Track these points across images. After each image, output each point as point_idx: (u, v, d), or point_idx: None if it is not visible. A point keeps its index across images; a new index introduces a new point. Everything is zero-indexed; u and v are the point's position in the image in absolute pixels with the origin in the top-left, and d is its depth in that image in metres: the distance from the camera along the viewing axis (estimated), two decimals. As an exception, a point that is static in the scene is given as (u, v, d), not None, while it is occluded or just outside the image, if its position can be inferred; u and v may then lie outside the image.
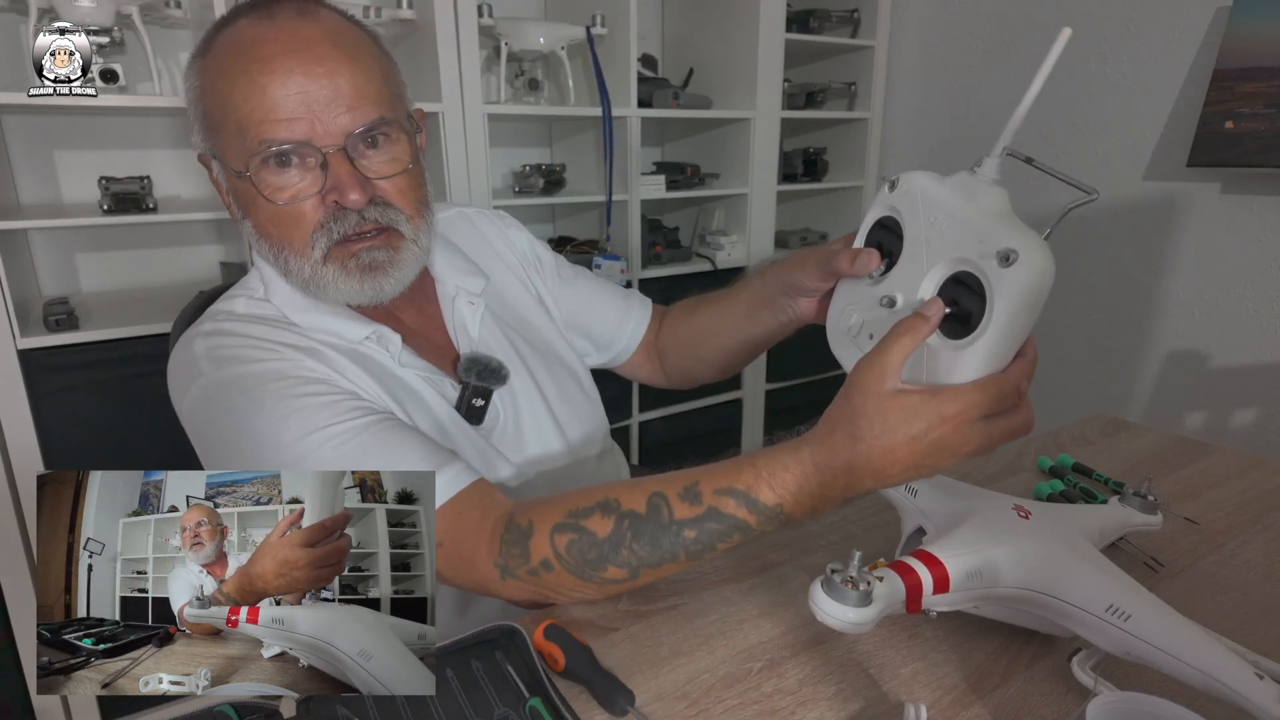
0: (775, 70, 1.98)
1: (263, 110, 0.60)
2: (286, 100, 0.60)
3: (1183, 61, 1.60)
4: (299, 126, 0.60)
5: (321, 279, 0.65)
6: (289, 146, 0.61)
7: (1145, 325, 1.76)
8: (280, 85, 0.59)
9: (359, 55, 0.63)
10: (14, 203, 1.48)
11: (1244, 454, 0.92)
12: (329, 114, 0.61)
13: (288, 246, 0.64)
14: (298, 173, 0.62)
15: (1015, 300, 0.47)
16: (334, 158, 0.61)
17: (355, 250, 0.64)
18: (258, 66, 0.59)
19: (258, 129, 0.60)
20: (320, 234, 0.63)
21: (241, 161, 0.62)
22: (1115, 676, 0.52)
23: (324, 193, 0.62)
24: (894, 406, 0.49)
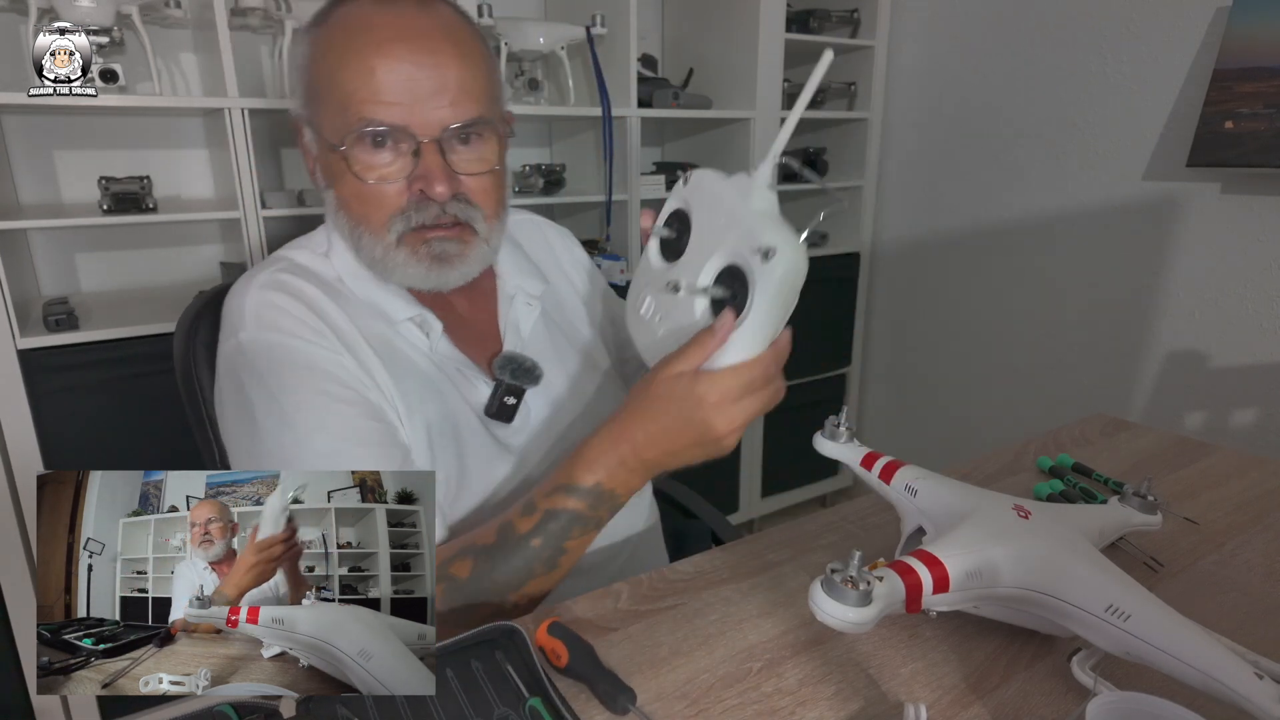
0: (775, 70, 1.98)
1: (367, 90, 0.62)
2: (392, 85, 0.62)
3: (1183, 61, 1.60)
4: (399, 112, 0.62)
5: (391, 261, 0.67)
6: (386, 129, 0.63)
7: (1145, 325, 1.76)
8: (388, 69, 0.61)
9: (468, 53, 0.65)
10: (14, 203, 1.48)
11: (1244, 454, 0.92)
12: (430, 105, 0.63)
13: (365, 223, 0.66)
14: (390, 155, 0.64)
15: (770, 291, 0.53)
16: (427, 147, 0.63)
17: (428, 238, 0.67)
18: (371, 48, 0.61)
19: (359, 107, 0.62)
20: (399, 219, 0.66)
21: (338, 135, 0.64)
22: (1115, 676, 0.52)
23: (411, 179, 0.65)
24: (671, 392, 0.56)
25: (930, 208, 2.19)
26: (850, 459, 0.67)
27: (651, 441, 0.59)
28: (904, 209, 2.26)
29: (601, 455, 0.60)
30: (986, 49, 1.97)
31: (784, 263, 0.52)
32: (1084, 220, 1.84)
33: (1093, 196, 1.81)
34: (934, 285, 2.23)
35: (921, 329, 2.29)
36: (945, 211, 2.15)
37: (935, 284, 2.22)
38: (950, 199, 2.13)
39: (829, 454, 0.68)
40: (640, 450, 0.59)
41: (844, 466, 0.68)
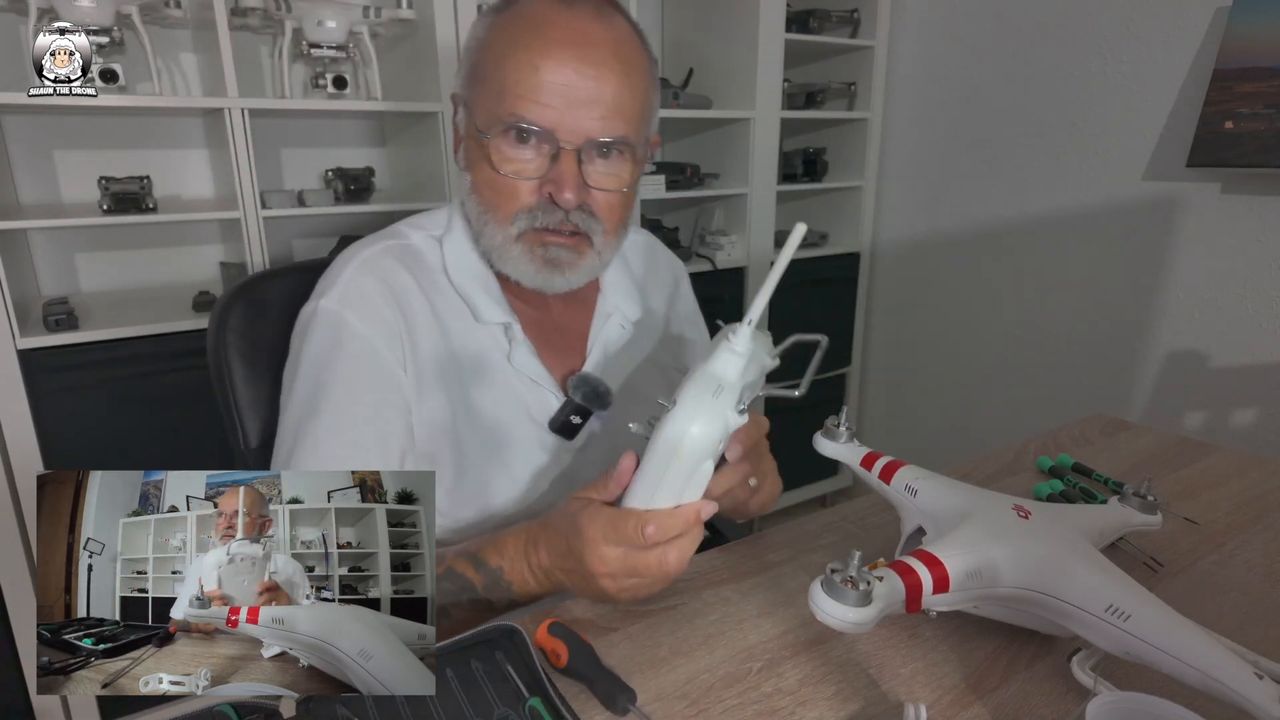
0: (775, 70, 1.98)
1: (525, 87, 0.63)
2: (551, 87, 0.63)
3: (1183, 61, 1.60)
4: (550, 115, 0.63)
5: (507, 253, 0.69)
6: (533, 128, 0.64)
7: (1145, 325, 1.76)
8: (551, 71, 0.63)
9: (631, 72, 0.66)
10: (14, 203, 1.48)
11: (1244, 454, 0.92)
12: (581, 114, 0.64)
13: (492, 212, 0.68)
14: (530, 153, 0.66)
15: (655, 443, 0.53)
16: (566, 154, 0.65)
17: (546, 241, 0.68)
18: (539, 46, 0.63)
19: (514, 102, 0.64)
20: (524, 215, 0.68)
21: (487, 123, 0.66)
22: (1115, 676, 0.52)
23: (543, 180, 0.66)
24: (567, 512, 0.58)
25: (930, 208, 2.19)
26: (850, 459, 0.67)
27: (550, 554, 0.59)
28: (904, 209, 2.26)
29: (515, 546, 0.61)
30: (986, 49, 1.97)
31: (670, 426, 0.52)
32: (1084, 220, 1.84)
33: (1093, 196, 1.81)
34: (934, 285, 2.23)
35: (921, 329, 2.29)
36: (945, 211, 2.15)
37: (935, 284, 2.22)
38: (950, 199, 2.13)
39: (829, 454, 0.68)
40: (542, 559, 0.60)
41: (844, 466, 0.68)
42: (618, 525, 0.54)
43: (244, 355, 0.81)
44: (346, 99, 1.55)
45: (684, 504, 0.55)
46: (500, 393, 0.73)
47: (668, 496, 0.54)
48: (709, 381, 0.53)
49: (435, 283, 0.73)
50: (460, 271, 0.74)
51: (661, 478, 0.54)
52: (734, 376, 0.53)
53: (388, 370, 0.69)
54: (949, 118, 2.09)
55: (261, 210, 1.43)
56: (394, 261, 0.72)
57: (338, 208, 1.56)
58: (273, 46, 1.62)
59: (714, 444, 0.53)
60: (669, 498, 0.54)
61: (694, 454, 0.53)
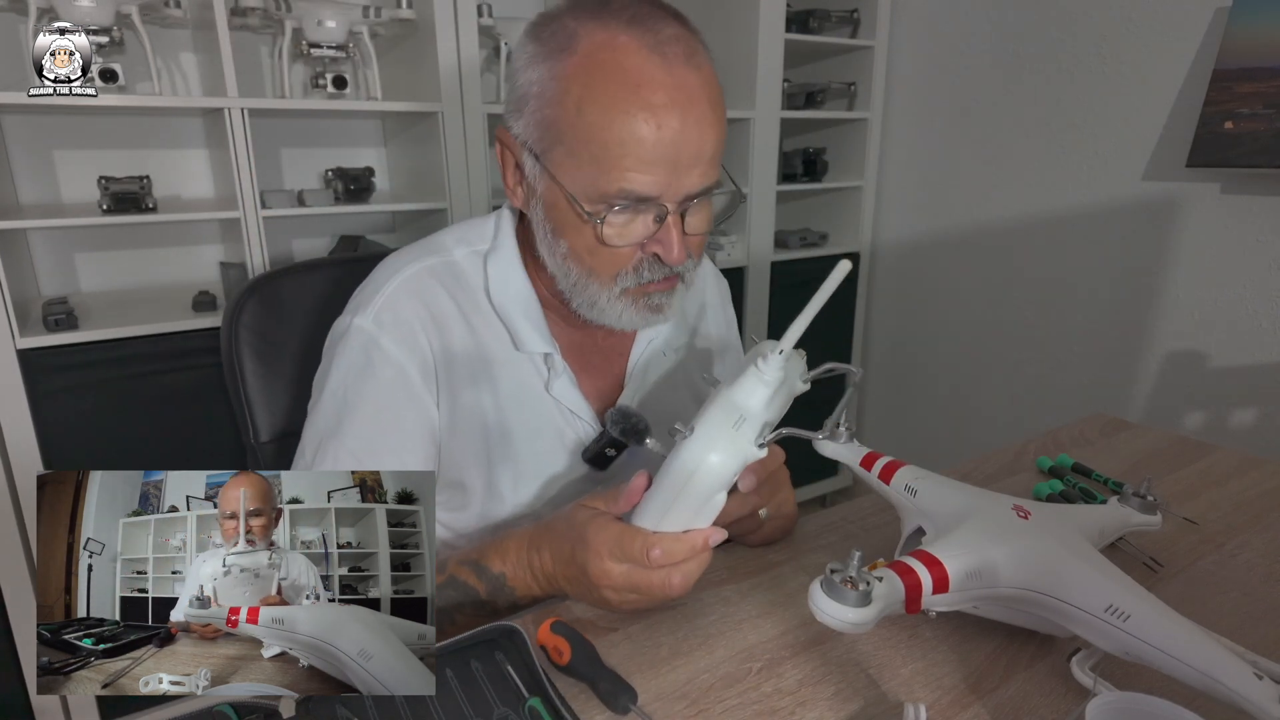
0: (775, 70, 1.98)
1: (632, 160, 0.59)
2: (659, 154, 0.59)
3: (1182, 61, 1.60)
4: (657, 184, 0.60)
5: (611, 309, 0.67)
6: (642, 200, 0.61)
7: (1145, 325, 1.76)
8: (657, 137, 0.58)
9: (722, 116, 0.63)
10: (13, 202, 1.48)
11: (1243, 454, 0.92)
12: (686, 174, 0.61)
13: (595, 276, 0.65)
14: (631, 216, 0.62)
15: (670, 467, 0.52)
16: (673, 217, 0.62)
17: (649, 291, 0.67)
18: (641, 111, 0.58)
19: (621, 177, 0.59)
20: (629, 275, 0.65)
21: (588, 198, 0.61)
22: (1114, 676, 0.52)
23: (647, 241, 0.64)
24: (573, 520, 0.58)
25: (930, 208, 2.19)
26: (850, 459, 0.67)
27: (554, 559, 0.59)
28: (904, 209, 2.26)
29: (518, 551, 0.62)
30: (986, 49, 1.97)
31: (687, 453, 0.51)
32: (1084, 220, 1.84)
33: (1093, 196, 1.81)
34: (934, 285, 2.23)
35: (921, 329, 2.29)
36: (945, 211, 2.15)
37: (935, 284, 2.22)
38: (950, 199, 2.13)
39: (829, 454, 0.68)
40: (545, 564, 0.60)
41: (844, 466, 0.68)
42: (624, 543, 0.54)
43: (256, 351, 0.82)
44: (346, 99, 1.55)
45: (692, 530, 0.54)
46: (537, 420, 0.72)
47: (677, 521, 0.54)
48: (731, 411, 0.52)
49: (477, 305, 0.71)
50: (503, 294, 0.71)
51: (673, 503, 0.53)
52: (758, 408, 0.52)
53: (417, 400, 0.68)
54: (949, 118, 2.09)
55: (261, 210, 1.43)
56: (435, 283, 0.70)
57: (337, 208, 1.56)
58: (273, 46, 1.62)
59: (729, 475, 0.52)
60: (679, 522, 0.54)
61: (708, 484, 0.52)
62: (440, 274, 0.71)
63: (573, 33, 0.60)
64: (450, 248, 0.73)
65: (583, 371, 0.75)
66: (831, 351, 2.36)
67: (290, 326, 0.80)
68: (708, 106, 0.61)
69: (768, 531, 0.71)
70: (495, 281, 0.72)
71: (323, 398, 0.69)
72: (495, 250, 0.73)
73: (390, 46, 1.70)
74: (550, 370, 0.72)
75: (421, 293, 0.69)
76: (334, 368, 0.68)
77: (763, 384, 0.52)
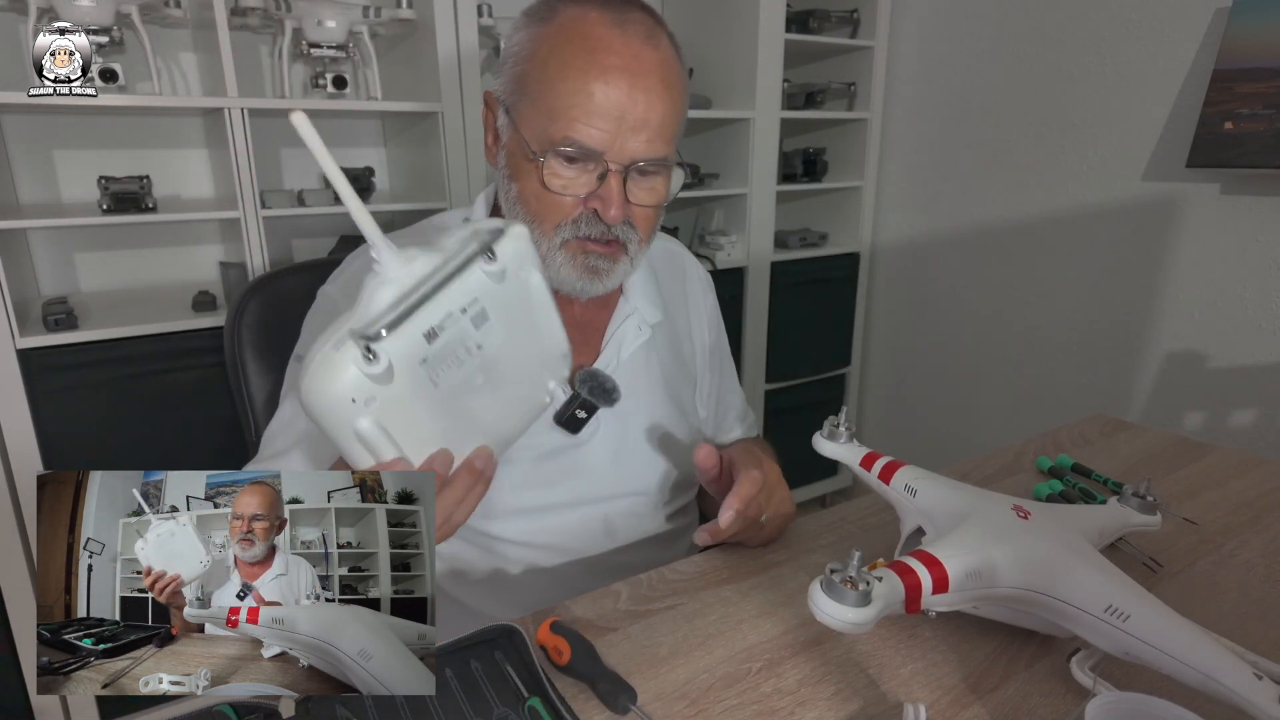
0: (775, 70, 1.98)
1: (579, 110, 0.65)
2: (604, 111, 0.65)
3: (1182, 61, 1.60)
4: (601, 138, 0.65)
5: (550, 260, 0.71)
6: (585, 151, 0.66)
7: (1144, 325, 1.76)
8: (605, 96, 0.65)
9: (675, 95, 0.68)
10: (13, 202, 1.48)
11: (1243, 454, 0.92)
12: (630, 138, 0.66)
13: (538, 222, 0.70)
14: (578, 171, 0.68)
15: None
16: (614, 175, 0.67)
17: (588, 250, 0.71)
18: (595, 71, 0.64)
19: (568, 125, 0.65)
20: (568, 226, 0.70)
21: (538, 141, 0.67)
22: (1114, 676, 0.52)
23: (589, 197, 0.68)
24: None
25: (930, 208, 2.19)
26: (850, 459, 0.68)
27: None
28: (904, 209, 2.26)
29: None
30: (986, 49, 1.97)
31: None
32: (1084, 220, 1.84)
33: (1092, 196, 1.81)
34: (934, 285, 2.23)
35: (921, 329, 2.29)
36: (945, 211, 2.15)
37: (935, 284, 2.22)
38: (950, 199, 2.13)
39: (828, 454, 0.68)
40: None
41: (843, 466, 0.68)
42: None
43: (258, 350, 0.84)
44: (346, 99, 1.55)
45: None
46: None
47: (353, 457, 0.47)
48: (335, 329, 0.44)
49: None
50: None
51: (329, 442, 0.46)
52: (371, 314, 0.45)
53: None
54: (949, 118, 2.09)
55: (261, 210, 1.43)
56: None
57: (337, 207, 1.56)
58: (273, 46, 1.62)
59: (340, 400, 0.44)
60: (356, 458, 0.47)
61: (327, 419, 0.45)
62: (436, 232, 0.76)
63: (554, 7, 0.68)
64: (437, 226, 0.79)
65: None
66: (832, 351, 2.36)
67: (293, 326, 0.81)
68: (658, 80, 0.66)
69: (769, 532, 0.72)
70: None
71: (291, 359, 0.75)
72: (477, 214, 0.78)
73: (390, 46, 1.70)
74: None
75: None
76: (302, 330, 0.75)
77: (374, 281, 0.45)
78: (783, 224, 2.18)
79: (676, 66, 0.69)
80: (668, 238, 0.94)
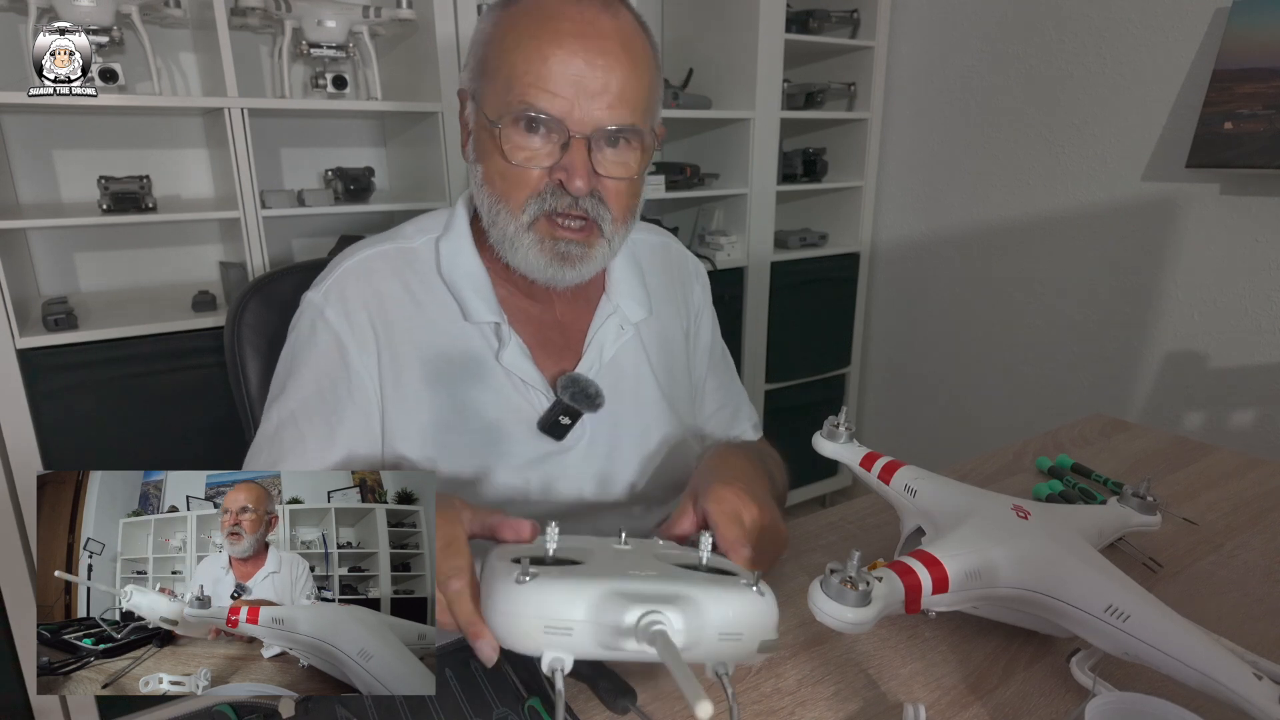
0: (775, 70, 1.98)
1: (535, 76, 0.64)
2: (561, 76, 0.64)
3: (1182, 62, 1.60)
4: (560, 104, 0.64)
5: (520, 241, 0.69)
6: (544, 117, 0.64)
7: (1144, 325, 1.76)
8: (560, 62, 0.63)
9: (637, 62, 0.67)
10: (13, 202, 1.48)
11: (1242, 454, 0.92)
12: (591, 103, 0.64)
13: (505, 201, 0.69)
14: (540, 141, 0.66)
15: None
16: (577, 143, 0.65)
17: (557, 235, 0.69)
18: (548, 37, 0.64)
19: (524, 91, 0.64)
20: (535, 201, 0.68)
21: (496, 113, 0.66)
22: (1114, 677, 0.52)
23: (554, 168, 0.67)
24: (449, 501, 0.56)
25: (930, 208, 2.19)
26: (850, 459, 0.68)
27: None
28: (904, 209, 2.26)
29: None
30: (986, 49, 1.97)
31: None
32: (1084, 220, 1.84)
33: (1092, 197, 1.81)
34: (934, 285, 2.23)
35: (921, 329, 2.29)
36: (945, 211, 2.15)
37: (935, 284, 2.22)
38: (950, 199, 2.13)
39: (828, 454, 0.68)
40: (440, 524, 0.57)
41: (843, 466, 0.68)
42: (447, 557, 0.49)
43: (257, 349, 0.84)
44: (346, 99, 1.55)
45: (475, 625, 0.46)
46: (491, 392, 0.73)
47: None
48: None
49: (428, 285, 0.75)
50: (453, 270, 0.75)
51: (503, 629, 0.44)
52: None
53: (352, 371, 0.71)
54: (949, 118, 2.09)
55: (261, 210, 1.43)
56: (385, 266, 0.74)
57: (337, 207, 1.56)
58: (273, 46, 1.61)
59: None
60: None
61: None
62: (392, 258, 0.75)
63: None
64: (410, 236, 0.77)
65: (541, 348, 0.76)
66: (832, 351, 2.36)
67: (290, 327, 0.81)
68: (618, 45, 0.65)
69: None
70: (446, 258, 0.75)
71: (278, 366, 0.74)
72: (448, 233, 0.77)
73: (390, 46, 1.70)
74: (500, 340, 0.74)
75: (370, 275, 0.73)
76: (288, 339, 0.74)
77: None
78: (783, 224, 2.18)
79: (640, 35, 0.68)
80: (653, 228, 0.91)
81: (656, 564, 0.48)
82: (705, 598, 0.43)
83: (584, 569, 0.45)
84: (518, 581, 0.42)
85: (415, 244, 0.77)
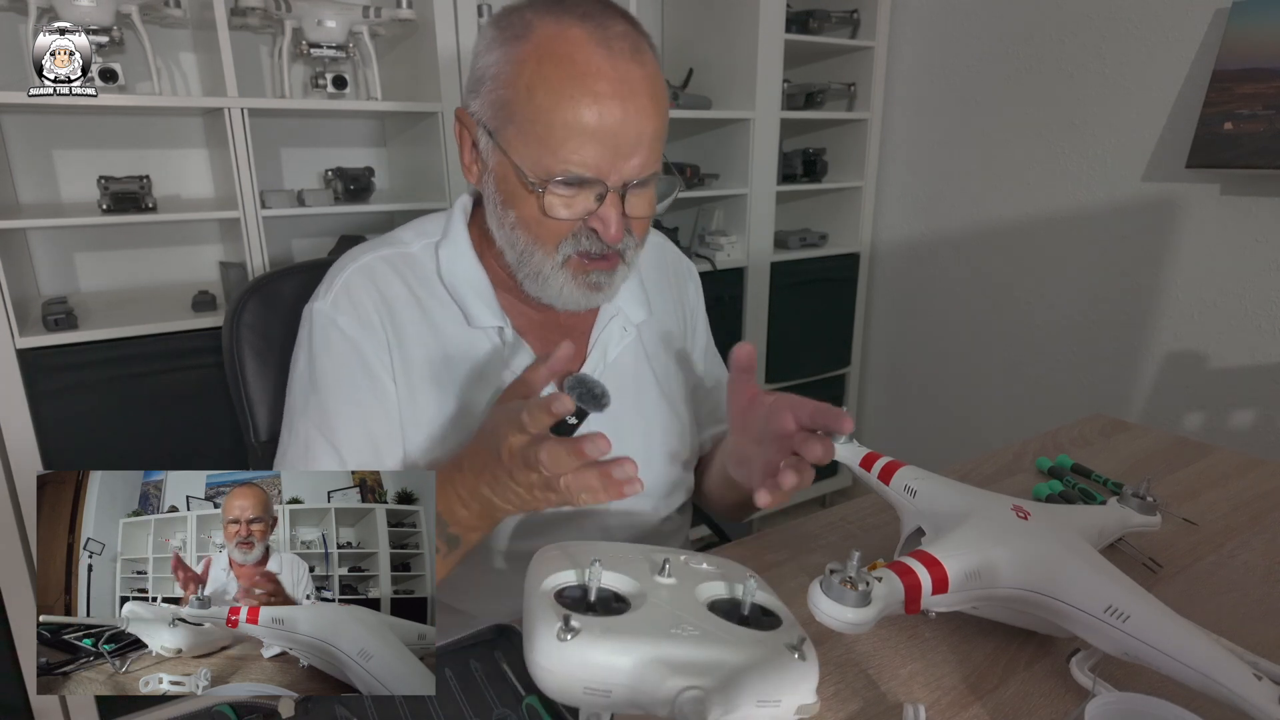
0: (775, 71, 1.98)
1: (576, 142, 0.64)
2: (600, 140, 0.64)
3: (1182, 62, 1.60)
4: (598, 167, 0.65)
5: (554, 279, 0.70)
6: (586, 177, 0.65)
7: (1144, 325, 1.76)
8: (599, 123, 0.63)
9: (662, 108, 0.67)
10: (13, 202, 1.48)
11: (1242, 454, 0.92)
12: (626, 160, 0.65)
13: (538, 245, 0.70)
14: (579, 196, 0.67)
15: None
16: (612, 196, 0.66)
17: (589, 269, 0.70)
18: (588, 100, 0.63)
19: (564, 155, 0.64)
20: (569, 243, 0.69)
21: (534, 171, 0.66)
22: (1114, 677, 0.52)
23: (589, 217, 0.68)
24: (495, 413, 0.62)
25: (930, 208, 2.19)
26: (850, 459, 0.67)
27: (471, 467, 0.60)
28: (904, 209, 2.26)
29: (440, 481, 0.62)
30: (986, 49, 1.97)
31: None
32: (1083, 221, 1.84)
33: (1092, 197, 1.81)
34: (934, 285, 2.23)
35: (921, 329, 2.29)
36: (945, 211, 2.15)
37: (935, 284, 2.22)
38: (950, 199, 2.13)
39: None
40: (465, 479, 0.61)
41: (843, 466, 0.68)
42: (518, 415, 0.55)
43: (256, 350, 0.84)
44: (346, 99, 1.55)
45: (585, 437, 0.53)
46: (496, 395, 0.73)
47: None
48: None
49: (430, 289, 0.75)
50: (454, 276, 0.75)
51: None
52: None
53: (374, 374, 0.71)
54: (949, 118, 2.09)
55: (261, 210, 1.43)
56: (389, 269, 0.75)
57: (337, 208, 1.56)
58: (273, 46, 1.61)
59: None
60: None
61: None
62: (394, 262, 0.76)
63: (529, 23, 0.65)
64: (407, 241, 0.78)
65: (544, 349, 0.77)
66: (832, 351, 2.36)
67: (291, 326, 0.81)
68: (648, 99, 0.65)
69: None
70: (446, 264, 0.76)
71: (293, 381, 0.73)
72: (446, 238, 0.77)
73: (390, 46, 1.70)
74: (505, 343, 0.75)
75: (375, 279, 0.74)
76: (299, 351, 0.74)
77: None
78: (783, 224, 2.18)
79: (660, 77, 0.69)
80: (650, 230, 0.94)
81: (699, 612, 0.48)
82: (747, 666, 0.44)
83: (628, 622, 0.46)
84: (559, 639, 0.43)
85: (413, 249, 0.77)
